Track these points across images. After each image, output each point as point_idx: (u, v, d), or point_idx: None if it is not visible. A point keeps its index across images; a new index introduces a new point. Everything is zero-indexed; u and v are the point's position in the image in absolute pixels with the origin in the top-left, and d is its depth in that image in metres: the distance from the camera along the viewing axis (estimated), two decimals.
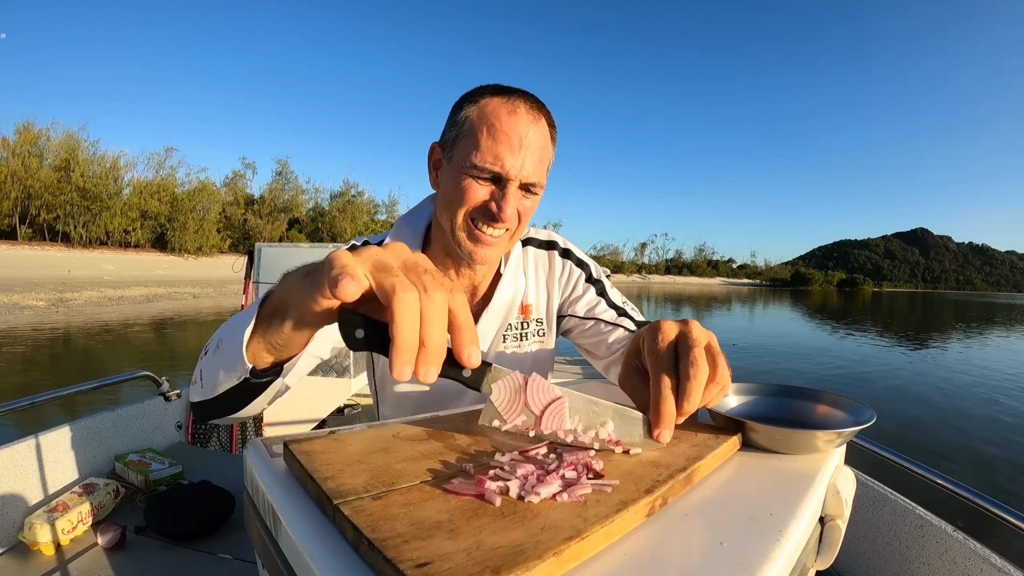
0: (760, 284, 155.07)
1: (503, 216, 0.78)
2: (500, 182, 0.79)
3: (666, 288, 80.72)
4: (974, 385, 9.79)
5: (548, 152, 0.83)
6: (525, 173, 0.78)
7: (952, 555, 1.00)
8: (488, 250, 0.83)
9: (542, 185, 0.83)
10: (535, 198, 0.84)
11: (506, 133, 0.76)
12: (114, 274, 27.55)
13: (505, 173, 0.77)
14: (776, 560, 0.34)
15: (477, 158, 0.77)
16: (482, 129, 0.77)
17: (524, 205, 0.82)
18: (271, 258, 3.86)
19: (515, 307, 0.97)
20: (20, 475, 1.32)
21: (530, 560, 0.30)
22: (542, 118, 0.81)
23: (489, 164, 0.77)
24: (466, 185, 0.79)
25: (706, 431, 0.57)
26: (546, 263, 1.00)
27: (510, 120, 0.77)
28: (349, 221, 52.52)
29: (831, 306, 43.63)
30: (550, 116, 0.84)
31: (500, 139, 0.76)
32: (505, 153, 0.76)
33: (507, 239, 0.85)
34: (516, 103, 0.79)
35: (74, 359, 9.24)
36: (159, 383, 1.87)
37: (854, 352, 14.02)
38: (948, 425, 6.97)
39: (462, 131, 0.80)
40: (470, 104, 0.80)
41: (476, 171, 0.77)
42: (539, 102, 0.82)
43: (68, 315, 14.20)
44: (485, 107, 0.79)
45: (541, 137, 0.80)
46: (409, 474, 0.43)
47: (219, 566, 1.20)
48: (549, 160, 0.85)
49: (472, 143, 0.78)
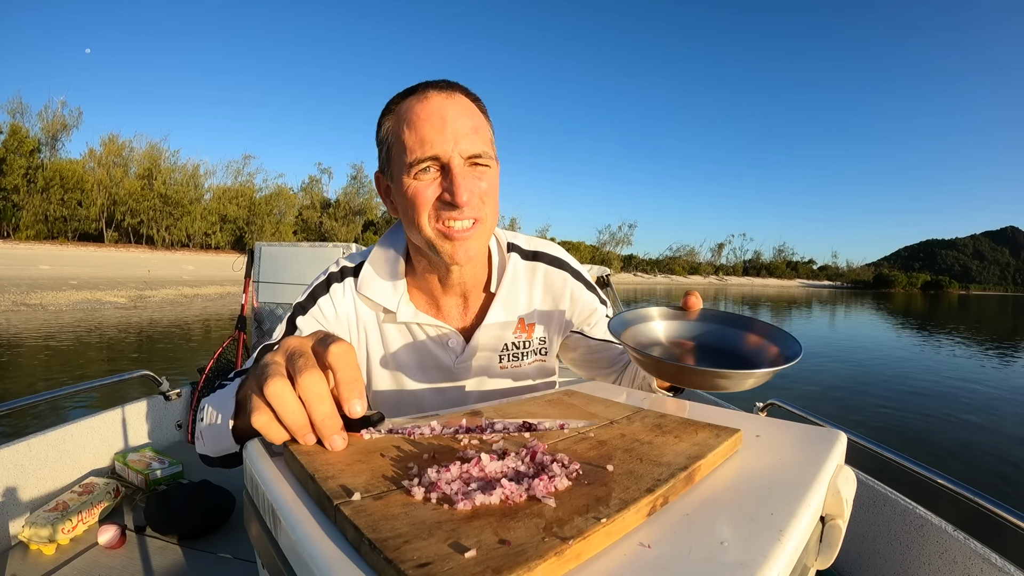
0: (841, 286, 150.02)
1: (458, 200, 0.74)
2: (444, 169, 0.75)
3: (743, 290, 79.20)
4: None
5: (480, 122, 0.79)
6: (462, 147, 0.75)
7: (952, 555, 1.00)
8: (465, 245, 0.79)
9: (490, 155, 0.79)
10: (488, 174, 0.79)
11: (425, 119, 0.74)
12: (193, 274, 29.11)
13: (442, 154, 0.74)
14: (776, 560, 0.34)
15: (409, 155, 0.75)
16: (403, 129, 0.76)
17: (480, 187, 0.78)
18: (271, 258, 3.86)
19: (511, 325, 0.93)
20: (20, 475, 1.32)
21: (531, 560, 0.30)
22: (456, 92, 0.78)
23: (421, 153, 0.74)
24: (414, 189, 0.76)
25: (707, 431, 0.57)
26: (559, 282, 0.97)
27: (424, 106, 0.75)
28: None
29: (914, 310, 41.84)
30: (467, 90, 0.81)
31: (422, 127, 0.74)
32: (432, 136, 0.74)
33: (480, 230, 0.79)
34: (425, 91, 0.77)
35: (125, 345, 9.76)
36: (159, 383, 1.88)
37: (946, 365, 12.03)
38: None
39: (389, 143, 0.79)
40: (387, 116, 0.79)
41: (416, 168, 0.75)
42: (449, 81, 0.79)
43: (141, 310, 15.29)
44: (399, 110, 0.77)
45: (463, 109, 0.77)
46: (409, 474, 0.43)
47: (219, 566, 1.20)
48: (487, 131, 0.80)
49: (400, 147, 0.76)
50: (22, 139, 32.88)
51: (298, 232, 48.38)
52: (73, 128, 37.85)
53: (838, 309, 35.62)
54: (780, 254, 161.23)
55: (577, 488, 0.41)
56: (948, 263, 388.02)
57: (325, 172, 55.25)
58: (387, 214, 53.22)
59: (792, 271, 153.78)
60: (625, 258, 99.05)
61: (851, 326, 22.65)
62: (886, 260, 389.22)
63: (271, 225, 44.34)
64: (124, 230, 38.39)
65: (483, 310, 0.93)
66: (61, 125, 36.99)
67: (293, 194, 50.37)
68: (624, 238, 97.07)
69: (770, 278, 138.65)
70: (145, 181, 39.11)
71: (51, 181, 33.42)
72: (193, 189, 42.37)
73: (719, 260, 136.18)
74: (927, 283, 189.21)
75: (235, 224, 43.29)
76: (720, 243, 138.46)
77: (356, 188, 53.76)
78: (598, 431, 0.57)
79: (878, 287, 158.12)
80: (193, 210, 40.11)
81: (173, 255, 35.50)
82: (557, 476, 0.42)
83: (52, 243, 31.86)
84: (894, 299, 73.63)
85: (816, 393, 8.00)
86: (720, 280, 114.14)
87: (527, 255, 0.96)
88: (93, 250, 32.18)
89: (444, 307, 0.92)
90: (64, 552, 1.21)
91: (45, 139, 35.95)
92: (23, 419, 4.39)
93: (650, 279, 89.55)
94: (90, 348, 9.17)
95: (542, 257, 0.97)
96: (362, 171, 54.09)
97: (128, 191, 37.29)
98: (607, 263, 71.32)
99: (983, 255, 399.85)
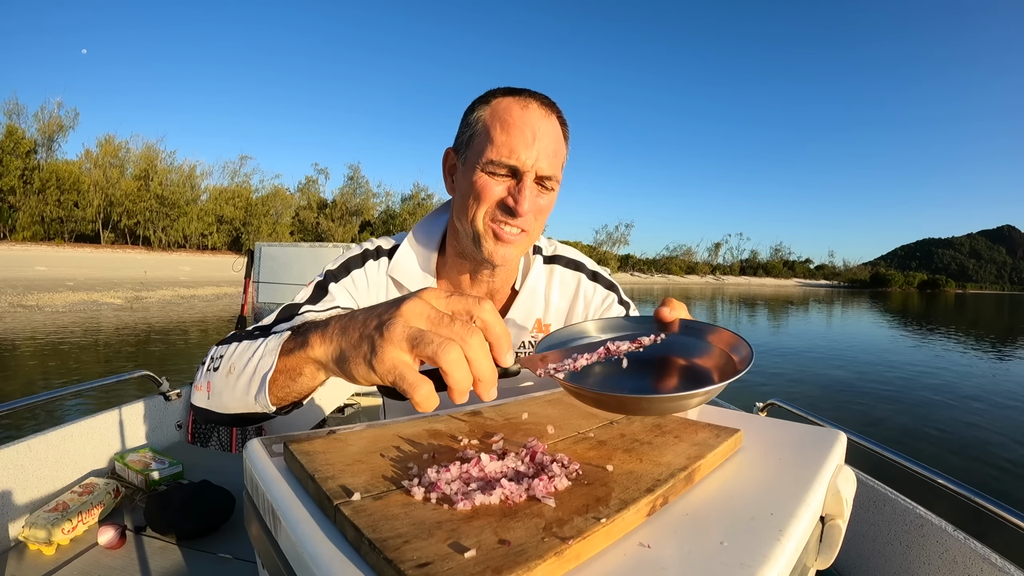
0: (838, 285, 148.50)
1: (520, 210, 0.78)
2: (516, 176, 0.79)
3: (740, 289, 77.92)
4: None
5: (561, 148, 0.84)
6: (540, 166, 0.79)
7: (952, 555, 1.00)
8: (508, 249, 0.83)
9: (557, 180, 0.83)
10: (550, 195, 0.84)
11: (519, 127, 0.77)
12: (189, 275, 29.03)
13: (520, 165, 0.78)
14: (776, 560, 0.34)
15: (492, 153, 0.78)
16: (495, 126, 0.78)
17: (539, 204, 0.82)
18: (271, 258, 3.86)
19: (530, 324, 0.96)
20: (20, 475, 1.32)
21: (531, 560, 0.30)
22: (553, 114, 0.82)
23: (504, 158, 0.77)
24: (483, 183, 0.79)
25: (707, 431, 0.57)
26: (572, 283, 1.00)
27: (523, 114, 0.78)
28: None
29: (911, 309, 41.21)
30: (562, 114, 0.85)
31: (513, 133, 0.77)
32: (519, 146, 0.77)
33: (524, 240, 0.84)
34: (528, 100, 0.80)
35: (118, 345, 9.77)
36: (159, 382, 1.87)
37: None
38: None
39: (476, 131, 0.81)
40: (482, 105, 0.82)
41: (492, 167, 0.78)
42: (550, 100, 0.83)
43: (136, 311, 15.24)
44: (497, 106, 0.80)
45: (554, 131, 0.81)
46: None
47: (219, 566, 1.20)
48: (563, 157, 0.85)
49: (486, 140, 0.79)
50: (18, 140, 32.81)
51: (295, 233, 48.31)
52: (69, 129, 37.72)
53: (835, 308, 35.49)
54: (777, 253, 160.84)
55: (577, 488, 0.42)
56: (945, 262, 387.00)
57: (322, 172, 55.26)
58: (384, 215, 53.05)
59: (789, 270, 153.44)
60: (622, 258, 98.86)
61: (850, 326, 22.62)
62: (883, 259, 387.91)
63: (267, 226, 43.99)
64: (121, 231, 38.24)
65: (505, 309, 0.96)
66: (57, 126, 36.84)
67: (290, 195, 50.03)
68: (621, 238, 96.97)
69: (767, 277, 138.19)
70: (141, 182, 38.89)
71: (47, 182, 33.33)
72: (189, 190, 41.92)
73: (716, 260, 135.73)
74: (924, 282, 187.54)
75: (232, 225, 42.96)
76: (717, 243, 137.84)
77: (353, 188, 53.70)
78: (598, 431, 0.57)
79: (875, 286, 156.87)
80: (190, 211, 39.84)
81: (170, 256, 35.50)
82: (557, 476, 0.42)
83: (48, 244, 31.80)
84: (891, 298, 72.87)
85: (816, 393, 8.00)
86: (717, 280, 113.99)
87: (547, 259, 1.00)
88: (89, 251, 32.00)
89: None
90: (64, 552, 1.21)
91: (41, 140, 35.82)
92: (23, 420, 4.39)
93: (647, 279, 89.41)
94: (87, 350, 9.14)
95: (559, 260, 1.01)
96: (358, 171, 54.10)
97: (124, 192, 37.11)
98: (604, 263, 71.18)
99: (979, 254, 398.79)
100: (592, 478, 0.44)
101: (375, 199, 55.20)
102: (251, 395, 0.56)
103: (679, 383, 0.56)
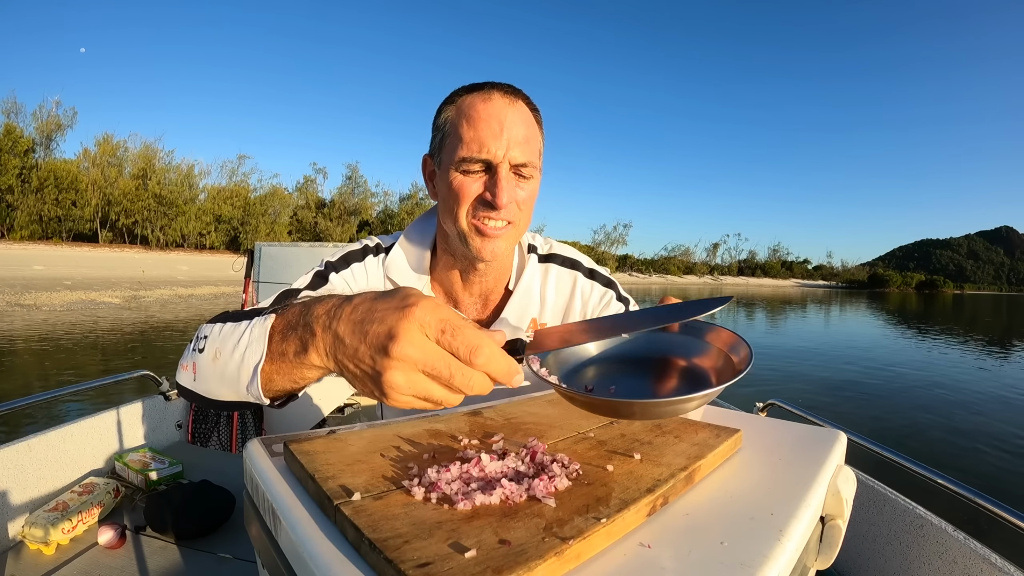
0: (836, 286, 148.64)
1: (499, 202, 0.77)
2: (490, 170, 0.79)
3: (738, 290, 77.75)
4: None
5: (534, 133, 0.83)
6: (512, 155, 0.78)
7: (952, 555, 1.00)
8: (495, 243, 0.82)
9: (535, 167, 0.82)
10: (530, 184, 0.83)
11: (485, 120, 0.77)
12: (187, 274, 28.97)
13: (492, 158, 0.77)
14: (776, 560, 0.34)
15: (463, 151, 0.78)
16: (462, 123, 0.78)
17: (519, 195, 0.81)
18: (271, 258, 3.85)
19: (524, 324, 0.96)
20: (20, 475, 1.32)
21: (531, 560, 0.30)
22: (519, 100, 0.81)
23: (475, 153, 0.77)
24: (459, 182, 0.79)
25: (706, 431, 0.57)
26: (569, 281, 1.00)
27: (487, 107, 0.78)
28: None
29: (909, 309, 41.03)
30: (529, 99, 0.84)
31: (480, 127, 0.77)
32: (488, 139, 0.77)
33: (511, 232, 0.84)
34: (490, 92, 0.80)
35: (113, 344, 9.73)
36: (159, 382, 1.87)
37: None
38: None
39: (445, 132, 0.81)
40: (448, 106, 0.82)
41: (465, 164, 0.78)
42: (514, 88, 0.82)
43: (135, 310, 15.21)
44: (462, 103, 0.80)
45: (522, 118, 0.80)
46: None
47: (219, 566, 1.20)
48: (538, 142, 0.84)
49: (456, 139, 0.79)
50: (16, 139, 32.73)
51: (293, 232, 48.15)
52: (68, 128, 37.58)
53: (834, 309, 35.46)
54: (775, 254, 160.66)
55: (577, 488, 0.42)
56: (943, 263, 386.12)
57: (320, 172, 55.18)
58: (382, 215, 53.17)
59: (787, 271, 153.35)
60: (620, 258, 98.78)
61: (849, 326, 22.62)
62: (881, 260, 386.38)
63: (266, 225, 43.56)
64: (119, 230, 38.03)
65: (499, 309, 0.96)
66: (55, 125, 36.70)
67: (288, 194, 49.81)
68: (619, 238, 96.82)
69: (765, 278, 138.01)
70: (140, 181, 38.78)
71: (45, 181, 33.26)
72: (188, 189, 41.85)
73: (714, 260, 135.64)
74: (922, 283, 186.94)
75: (230, 224, 42.77)
76: (715, 243, 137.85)
77: (351, 188, 53.67)
78: (598, 431, 0.57)
79: (873, 287, 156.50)
80: (188, 210, 39.63)
81: (168, 255, 35.44)
82: (557, 476, 0.42)
83: (46, 243, 31.78)
84: (889, 299, 72.70)
85: (816, 393, 8.00)
86: (715, 280, 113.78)
87: (543, 257, 1.00)
88: (88, 250, 31.93)
89: (463, 304, 0.95)
90: (64, 552, 1.21)
91: (40, 139, 35.70)
92: (22, 420, 4.38)
93: (645, 279, 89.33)
94: (86, 349, 9.13)
95: (555, 258, 1.00)
96: (357, 171, 54.03)
97: (123, 191, 36.99)
98: (602, 263, 70.43)
99: (977, 255, 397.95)
100: (592, 478, 0.44)
101: (373, 199, 55.23)
102: (242, 384, 0.54)
103: (677, 385, 0.55)
